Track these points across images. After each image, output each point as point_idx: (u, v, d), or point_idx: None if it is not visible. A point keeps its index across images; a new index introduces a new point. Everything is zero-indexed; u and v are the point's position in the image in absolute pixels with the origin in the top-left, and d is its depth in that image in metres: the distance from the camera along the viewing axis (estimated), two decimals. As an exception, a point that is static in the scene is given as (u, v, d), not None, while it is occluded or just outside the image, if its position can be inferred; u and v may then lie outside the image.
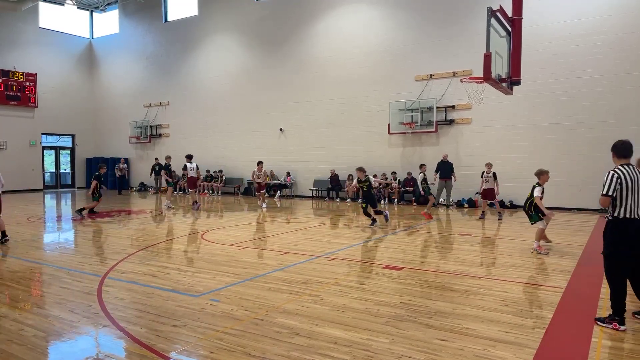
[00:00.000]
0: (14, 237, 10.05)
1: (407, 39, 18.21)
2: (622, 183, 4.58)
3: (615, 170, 4.65)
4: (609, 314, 4.64)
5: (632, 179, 4.59)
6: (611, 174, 4.64)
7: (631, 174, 4.61)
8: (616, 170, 4.66)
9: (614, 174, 4.62)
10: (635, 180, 4.60)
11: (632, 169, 4.67)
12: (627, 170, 4.63)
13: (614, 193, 4.59)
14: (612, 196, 4.61)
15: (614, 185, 4.59)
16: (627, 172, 4.62)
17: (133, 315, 4.96)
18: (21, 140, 25.14)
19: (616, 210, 4.63)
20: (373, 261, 7.60)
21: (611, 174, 4.64)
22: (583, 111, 14.98)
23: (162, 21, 25.78)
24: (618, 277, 4.61)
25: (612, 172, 4.65)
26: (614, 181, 4.60)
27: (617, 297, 4.58)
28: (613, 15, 14.50)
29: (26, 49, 25.59)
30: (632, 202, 4.57)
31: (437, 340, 4.24)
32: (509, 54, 8.29)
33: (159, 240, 9.69)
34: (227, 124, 23.24)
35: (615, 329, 4.51)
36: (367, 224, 11.61)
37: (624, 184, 4.57)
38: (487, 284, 6.27)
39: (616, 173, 4.62)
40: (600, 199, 4.70)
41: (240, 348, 4.06)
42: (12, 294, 5.83)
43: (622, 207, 4.59)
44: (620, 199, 4.60)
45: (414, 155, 17.99)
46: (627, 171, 4.62)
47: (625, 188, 4.57)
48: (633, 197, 4.57)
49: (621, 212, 4.60)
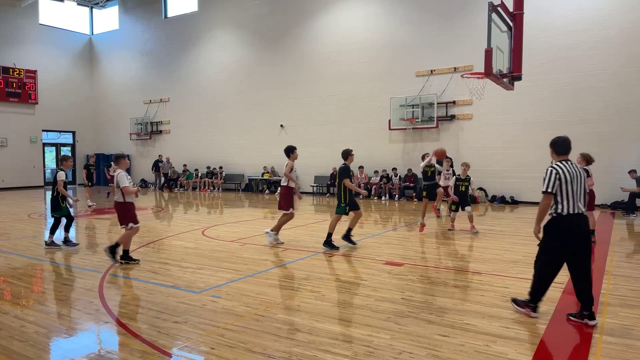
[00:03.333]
0: (15, 234, 10.07)
1: (407, 34, 18.15)
2: (561, 179, 4.52)
3: (553, 167, 4.59)
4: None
5: (571, 174, 4.54)
6: (549, 170, 4.58)
7: (570, 170, 4.57)
8: (554, 166, 4.60)
9: (552, 170, 4.56)
10: (574, 176, 4.56)
11: (570, 164, 4.62)
12: (566, 166, 4.58)
13: (553, 189, 4.54)
14: (553, 193, 4.55)
15: (553, 181, 4.53)
16: (566, 168, 4.57)
17: (134, 311, 4.97)
18: (22, 137, 25.15)
19: (558, 207, 4.56)
20: (374, 257, 7.60)
21: (549, 170, 4.59)
22: (584, 106, 14.93)
23: (162, 17, 25.71)
24: (548, 270, 4.67)
25: (551, 169, 4.59)
26: (553, 177, 4.54)
27: (541, 287, 4.70)
28: (615, 9, 14.44)
29: (26, 46, 25.55)
30: (573, 197, 4.52)
31: (437, 336, 4.24)
32: (510, 49, 8.25)
33: (160, 237, 9.69)
34: (228, 121, 23.21)
35: (527, 314, 4.72)
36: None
37: (563, 180, 4.52)
38: (488, 279, 6.27)
39: (554, 169, 4.56)
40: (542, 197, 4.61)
41: (241, 344, 4.07)
42: (13, 291, 5.84)
43: (563, 203, 4.54)
44: (560, 195, 4.55)
45: (415, 151, 17.96)
46: (565, 167, 4.57)
47: (565, 183, 4.52)
48: (573, 193, 4.53)
49: (563, 209, 4.53)
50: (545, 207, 4.62)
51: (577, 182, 4.56)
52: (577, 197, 4.53)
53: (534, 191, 7.95)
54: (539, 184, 7.68)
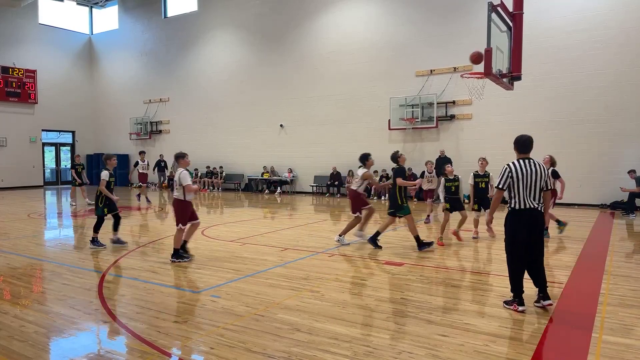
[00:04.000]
0: (15, 234, 10.06)
1: (407, 34, 18.15)
2: (513, 176, 4.86)
3: (508, 165, 4.95)
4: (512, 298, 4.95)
5: (523, 172, 4.84)
6: (504, 168, 4.95)
7: (524, 168, 4.86)
8: (509, 164, 4.95)
9: (506, 169, 4.93)
10: (527, 173, 4.84)
11: (527, 162, 4.90)
12: (521, 165, 4.89)
13: (504, 186, 4.92)
14: (503, 189, 4.94)
15: (505, 178, 4.91)
16: (521, 165, 4.88)
17: (134, 311, 4.97)
18: (21, 136, 25.13)
19: (511, 202, 4.93)
20: (374, 257, 7.60)
21: (504, 168, 4.96)
22: (584, 106, 14.94)
23: (161, 17, 25.70)
24: (515, 262, 4.95)
25: (506, 167, 4.95)
26: (505, 175, 4.93)
27: (515, 280, 4.91)
28: (615, 9, 14.44)
29: (26, 45, 25.54)
30: (524, 193, 4.83)
31: (437, 335, 4.24)
32: (509, 49, 8.24)
33: (160, 237, 9.69)
34: (227, 120, 23.21)
35: (515, 310, 4.82)
36: None
37: (515, 177, 4.85)
38: (488, 279, 6.28)
39: (508, 167, 4.92)
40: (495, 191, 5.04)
41: (241, 344, 4.07)
42: (13, 291, 5.83)
43: (515, 199, 4.88)
44: (512, 191, 4.89)
45: (415, 151, 17.97)
46: (520, 165, 4.89)
47: (517, 180, 4.84)
48: (525, 189, 4.83)
49: (516, 204, 4.88)
50: (496, 201, 5.15)
51: (532, 179, 4.85)
52: (529, 193, 4.85)
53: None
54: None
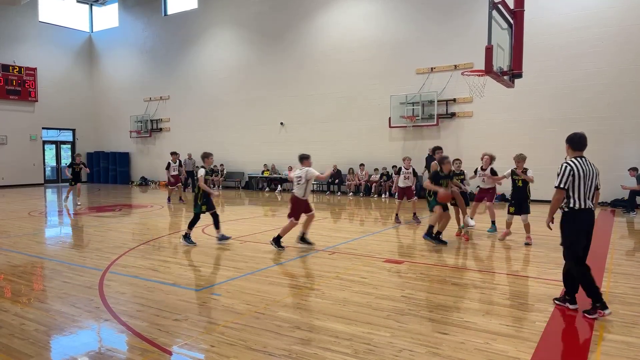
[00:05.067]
0: (16, 232, 10.07)
1: (407, 31, 18.12)
2: (575, 175, 4.71)
3: (568, 163, 4.78)
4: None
5: (583, 171, 4.72)
6: (564, 166, 4.77)
7: (583, 167, 4.74)
8: (569, 163, 4.79)
9: (566, 167, 4.76)
10: (587, 172, 4.74)
11: (584, 161, 4.80)
12: (580, 163, 4.76)
13: (566, 185, 4.73)
14: (565, 188, 4.75)
15: (567, 177, 4.73)
16: (580, 164, 4.75)
17: (134, 309, 4.97)
18: (22, 134, 25.13)
19: (570, 202, 4.77)
20: (374, 255, 7.60)
21: (564, 166, 4.77)
22: (584, 104, 14.92)
23: (161, 15, 25.67)
24: (580, 266, 4.74)
25: (565, 165, 4.78)
26: (566, 174, 4.73)
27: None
28: (615, 6, 14.41)
29: (26, 43, 25.52)
30: (584, 193, 4.73)
31: (438, 333, 4.24)
32: (510, 46, 8.23)
33: (160, 235, 9.69)
34: (228, 118, 23.20)
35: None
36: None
37: (577, 176, 4.71)
38: (488, 277, 6.27)
39: (569, 166, 4.75)
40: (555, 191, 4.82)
41: (241, 342, 4.07)
42: (13, 288, 5.84)
43: (575, 198, 4.73)
44: (572, 190, 4.74)
45: (415, 149, 17.95)
46: (579, 163, 4.75)
47: (578, 179, 4.70)
48: (584, 189, 4.72)
49: (575, 204, 4.73)
50: (557, 201, 4.85)
51: (590, 179, 4.76)
52: (588, 193, 4.75)
53: (535, 189, 7.94)
54: (538, 182, 7.70)
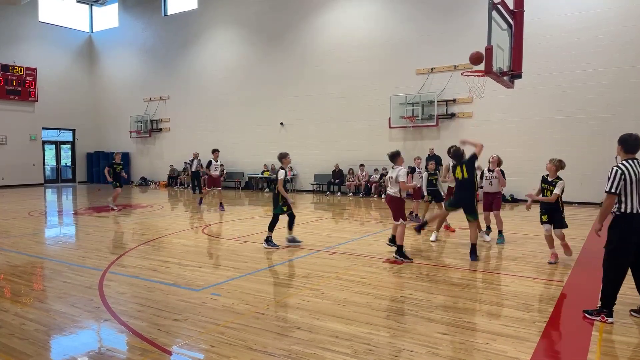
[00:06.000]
0: (16, 232, 10.07)
1: (407, 32, 18.12)
2: (627, 179, 4.48)
3: (619, 166, 4.54)
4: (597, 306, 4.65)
5: (636, 174, 4.49)
6: (615, 170, 4.53)
7: (635, 169, 4.52)
8: (620, 165, 4.55)
9: (617, 170, 4.51)
10: (639, 175, 4.52)
11: (636, 163, 4.56)
12: (631, 165, 4.53)
13: (617, 190, 4.49)
14: (617, 193, 4.51)
15: (618, 181, 4.49)
16: (631, 167, 4.52)
17: (134, 309, 4.97)
18: (22, 134, 25.11)
19: (622, 206, 4.54)
20: (374, 255, 7.61)
21: (615, 169, 4.53)
22: (584, 104, 14.92)
23: (161, 15, 25.66)
24: (618, 271, 4.60)
25: (616, 168, 4.53)
26: (617, 177, 4.49)
27: (611, 290, 4.57)
28: (616, 7, 14.41)
29: (26, 43, 25.50)
30: (636, 197, 4.49)
31: (437, 334, 4.24)
32: (510, 47, 8.24)
33: (160, 235, 9.69)
34: (228, 118, 23.20)
35: (603, 321, 4.52)
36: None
37: (628, 180, 4.48)
38: (488, 277, 6.28)
39: (620, 169, 4.52)
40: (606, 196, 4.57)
41: (241, 342, 4.07)
42: (13, 289, 5.84)
43: (627, 202, 4.51)
44: (625, 194, 4.51)
45: (415, 150, 17.94)
46: (630, 166, 4.52)
47: (629, 183, 4.47)
48: (637, 192, 4.49)
49: (627, 208, 4.51)
50: (608, 206, 4.60)
51: None
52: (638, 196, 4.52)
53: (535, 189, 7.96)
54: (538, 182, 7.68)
